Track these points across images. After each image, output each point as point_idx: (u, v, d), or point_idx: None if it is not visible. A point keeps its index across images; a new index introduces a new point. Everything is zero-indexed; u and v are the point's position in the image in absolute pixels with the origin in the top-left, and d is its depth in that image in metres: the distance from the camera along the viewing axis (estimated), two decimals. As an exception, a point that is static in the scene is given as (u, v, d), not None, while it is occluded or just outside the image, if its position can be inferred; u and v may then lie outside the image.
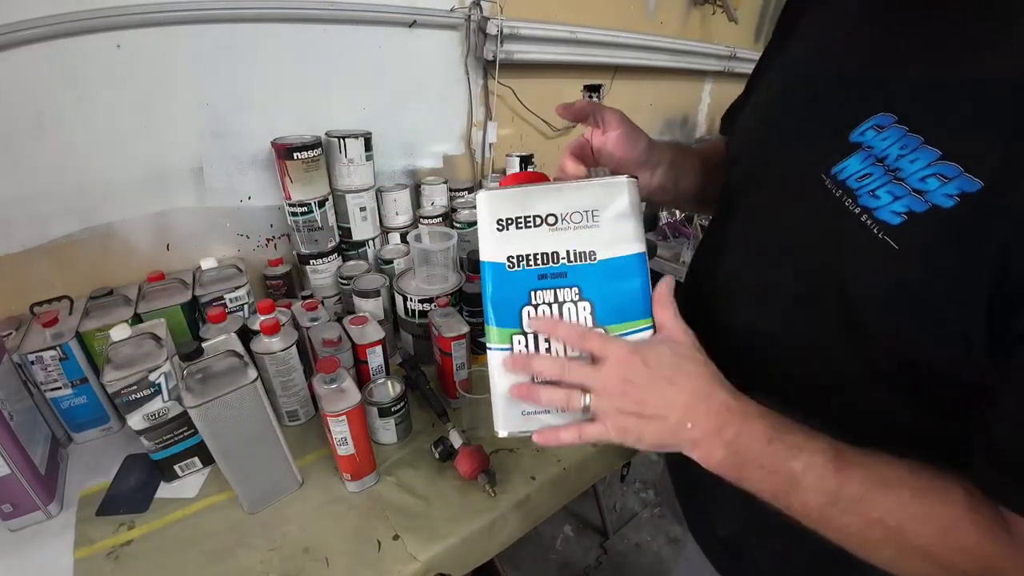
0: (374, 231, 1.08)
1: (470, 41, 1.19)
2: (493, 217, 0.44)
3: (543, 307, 0.43)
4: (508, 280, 0.44)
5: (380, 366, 0.84)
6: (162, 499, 0.70)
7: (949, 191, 0.32)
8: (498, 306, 0.44)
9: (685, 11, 1.70)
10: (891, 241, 0.34)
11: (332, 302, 1.05)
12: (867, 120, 0.37)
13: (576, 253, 0.43)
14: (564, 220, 0.43)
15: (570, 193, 0.44)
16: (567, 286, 0.43)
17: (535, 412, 0.45)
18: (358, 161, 0.99)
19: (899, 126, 0.35)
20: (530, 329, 0.44)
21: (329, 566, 0.62)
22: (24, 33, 0.73)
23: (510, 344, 0.44)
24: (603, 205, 0.43)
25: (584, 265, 0.43)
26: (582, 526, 1.61)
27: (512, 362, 0.44)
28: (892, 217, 0.34)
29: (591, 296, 0.43)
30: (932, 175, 0.32)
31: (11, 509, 0.64)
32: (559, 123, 1.49)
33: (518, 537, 0.74)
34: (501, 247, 0.44)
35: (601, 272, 0.43)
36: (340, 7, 0.97)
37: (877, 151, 0.36)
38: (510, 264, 0.44)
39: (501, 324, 0.44)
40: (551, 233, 0.43)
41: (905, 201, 0.33)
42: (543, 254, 0.43)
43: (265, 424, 0.65)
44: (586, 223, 0.43)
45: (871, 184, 0.35)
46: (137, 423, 0.66)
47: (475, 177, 1.36)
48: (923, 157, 0.33)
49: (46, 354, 0.72)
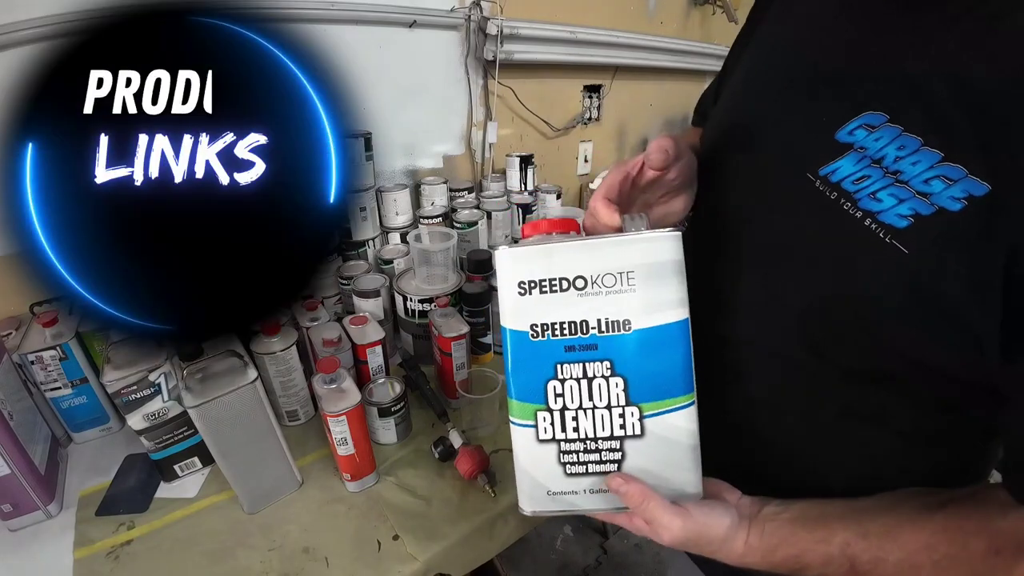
0: (374, 231, 1.08)
1: (470, 41, 1.19)
2: (515, 280, 0.39)
3: (570, 383, 0.39)
4: (532, 351, 0.39)
5: (380, 366, 0.84)
6: (162, 499, 0.70)
7: (955, 194, 0.31)
8: (520, 379, 0.40)
9: (685, 11, 1.70)
10: (899, 245, 0.33)
11: (332, 302, 1.05)
12: (855, 118, 0.36)
13: (609, 323, 0.38)
14: (595, 283, 0.38)
15: (602, 251, 0.38)
16: (598, 360, 0.38)
17: (563, 493, 0.41)
18: (358, 161, 0.99)
19: (893, 125, 0.34)
20: (619, 498, 0.40)
21: (329, 566, 0.62)
22: (24, 33, 0.73)
23: (534, 420, 0.40)
24: (641, 265, 0.37)
25: (617, 336, 0.38)
26: (582, 526, 1.61)
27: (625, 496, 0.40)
28: (898, 220, 0.33)
29: (624, 371, 0.38)
30: (936, 177, 0.32)
31: (11, 509, 0.64)
32: (559, 123, 1.49)
33: (518, 537, 0.74)
34: (524, 314, 0.39)
35: (637, 344, 0.38)
36: (340, 7, 0.97)
37: (871, 152, 0.35)
38: (533, 334, 0.39)
39: (523, 399, 0.40)
40: (580, 299, 0.38)
41: (910, 204, 0.33)
42: (571, 323, 0.38)
43: (265, 424, 0.65)
44: (620, 287, 0.38)
45: (870, 186, 0.35)
46: (137, 423, 0.66)
47: (475, 177, 1.36)
48: (925, 159, 0.32)
49: (46, 354, 0.72)
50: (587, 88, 1.54)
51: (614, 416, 0.39)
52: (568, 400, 0.39)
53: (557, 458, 0.40)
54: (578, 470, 0.40)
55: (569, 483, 0.41)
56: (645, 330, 0.38)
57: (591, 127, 1.61)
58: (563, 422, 0.40)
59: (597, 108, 1.59)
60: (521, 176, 1.27)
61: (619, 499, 0.40)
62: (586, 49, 1.38)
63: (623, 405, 0.39)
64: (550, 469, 0.41)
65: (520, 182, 1.27)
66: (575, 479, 0.41)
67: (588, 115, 1.57)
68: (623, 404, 0.39)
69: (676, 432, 0.39)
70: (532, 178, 1.28)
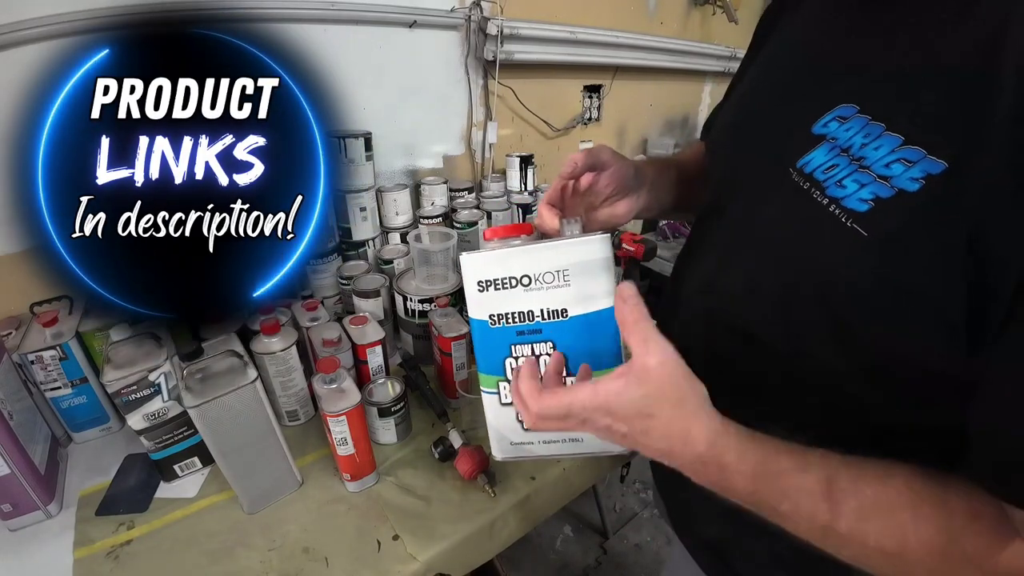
0: (374, 231, 1.08)
1: (470, 41, 1.19)
2: (474, 279, 0.46)
3: (522, 358, 0.47)
4: (491, 335, 0.47)
5: (380, 366, 0.84)
6: (162, 499, 0.70)
7: (914, 174, 0.32)
8: (483, 356, 0.49)
9: (685, 12, 1.70)
10: (860, 228, 0.34)
11: (332, 302, 1.05)
12: (830, 112, 0.38)
13: (549, 311, 0.46)
14: (537, 280, 0.45)
15: (542, 255, 0.44)
16: (542, 341, 0.47)
17: (523, 443, 0.50)
18: (358, 161, 0.99)
19: (861, 115, 0.35)
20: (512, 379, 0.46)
21: (329, 566, 0.62)
22: (25, 33, 0.73)
23: (497, 389, 0.49)
24: (574, 264, 0.44)
25: (557, 322, 0.46)
26: (582, 526, 1.61)
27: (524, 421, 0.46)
28: (859, 204, 0.34)
29: (564, 349, 0.46)
30: (896, 160, 0.33)
31: (11, 509, 0.64)
32: (559, 123, 1.49)
33: (518, 537, 0.74)
34: (483, 306, 0.47)
35: (573, 328, 0.45)
36: (340, 7, 0.97)
37: (841, 141, 0.36)
38: (492, 322, 0.47)
39: (487, 371, 0.49)
40: (526, 293, 0.45)
41: (871, 188, 0.33)
42: (519, 312, 0.46)
43: (265, 424, 0.65)
44: (558, 283, 0.45)
45: (837, 174, 0.35)
46: (137, 423, 0.67)
47: (475, 177, 1.36)
48: (887, 144, 0.33)
49: (46, 354, 0.72)
50: (587, 88, 1.54)
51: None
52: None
53: (516, 416, 0.49)
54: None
55: (527, 435, 0.50)
56: (579, 316, 0.45)
57: (591, 127, 1.61)
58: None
59: (597, 108, 1.59)
60: (521, 176, 1.27)
61: (569, 448, 0.48)
62: (586, 49, 1.38)
63: (564, 376, 0.46)
64: (511, 426, 0.50)
65: (520, 182, 1.27)
66: (530, 432, 0.49)
67: (588, 115, 1.57)
68: (564, 375, 0.46)
69: None
70: (532, 178, 1.28)
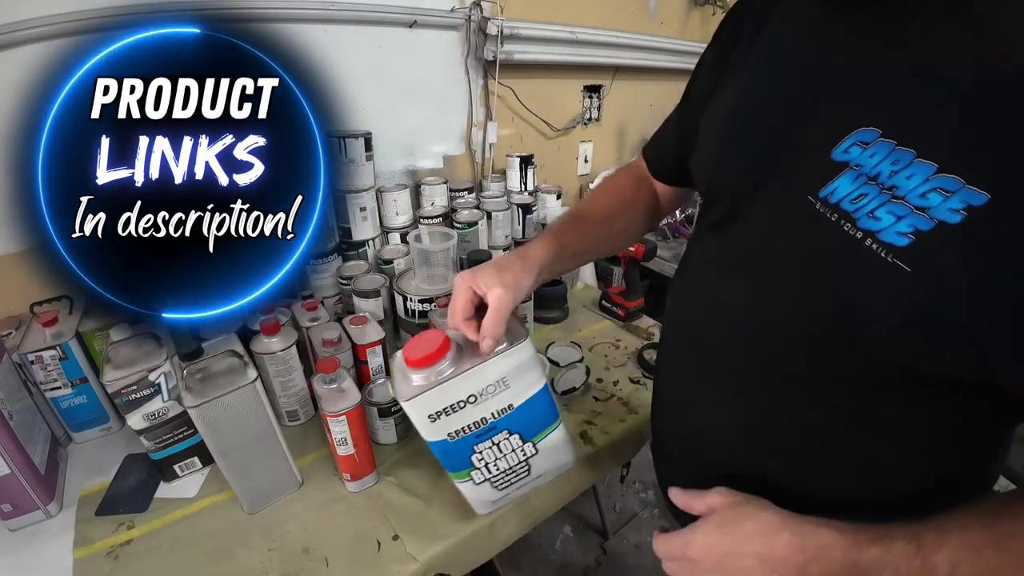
0: (374, 231, 1.08)
1: (470, 41, 1.19)
2: (424, 416, 0.51)
3: (486, 451, 0.55)
4: (453, 447, 0.54)
5: (380, 366, 0.84)
6: (162, 499, 0.70)
7: (954, 205, 0.30)
8: (450, 463, 0.56)
9: (686, 12, 1.70)
10: (902, 264, 0.32)
11: (332, 302, 1.05)
12: (848, 136, 0.36)
13: (498, 411, 0.53)
14: (482, 395, 0.51)
15: (480, 375, 0.50)
16: (499, 432, 0.55)
17: (501, 499, 0.62)
18: (358, 161, 0.99)
19: (886, 140, 0.34)
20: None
21: (328, 566, 0.62)
22: (25, 32, 0.73)
23: (468, 477, 0.57)
24: (508, 371, 0.52)
25: (506, 416, 0.54)
26: (582, 526, 1.61)
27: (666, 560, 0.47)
28: (898, 239, 0.32)
29: (517, 429, 0.55)
30: (932, 190, 0.31)
31: (11, 509, 0.64)
32: (559, 123, 1.49)
33: (518, 537, 0.74)
34: (439, 430, 0.52)
35: (519, 413, 0.54)
36: (340, 7, 0.97)
37: (867, 169, 0.34)
38: (451, 438, 0.53)
39: (455, 470, 0.57)
40: (475, 407, 0.52)
41: (909, 220, 0.32)
42: (473, 423, 0.53)
43: (265, 424, 0.65)
44: (498, 389, 0.52)
45: (868, 205, 0.34)
46: (137, 423, 0.67)
47: (475, 177, 1.36)
48: (919, 172, 0.32)
49: (46, 354, 0.72)
50: (587, 88, 1.54)
51: (518, 453, 0.57)
52: (488, 458, 0.56)
53: (491, 486, 0.59)
54: (504, 484, 0.60)
55: (503, 493, 0.60)
56: (522, 404, 0.54)
57: (591, 127, 1.61)
58: (488, 470, 0.57)
59: (597, 108, 1.59)
60: (521, 176, 1.27)
61: (534, 483, 0.61)
62: (586, 49, 1.38)
63: (522, 445, 0.57)
64: (488, 492, 0.59)
65: (520, 182, 1.27)
66: (505, 489, 0.60)
67: (588, 115, 1.57)
68: (521, 444, 0.57)
69: (555, 441, 0.58)
70: (532, 178, 1.28)
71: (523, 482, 0.60)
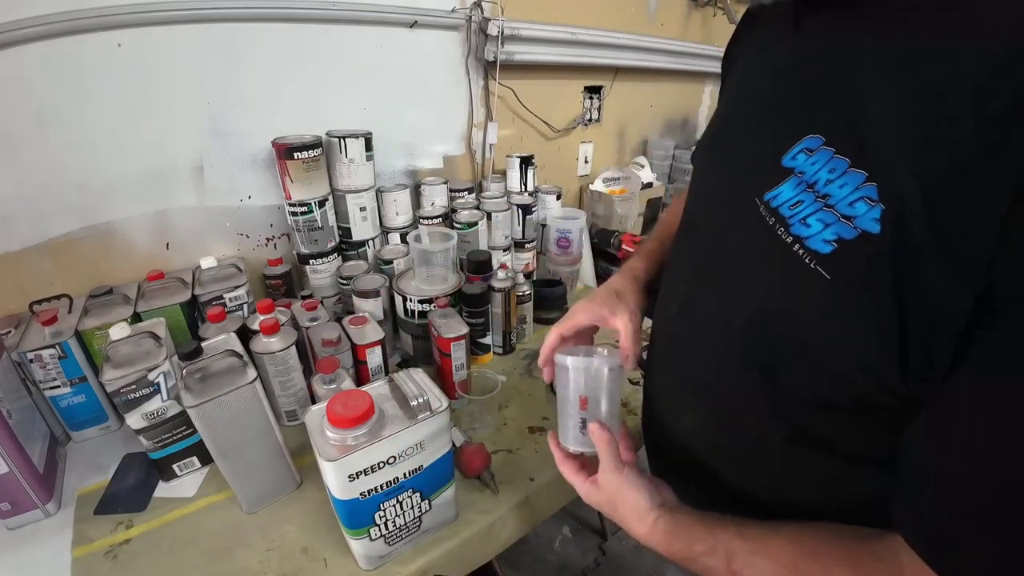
0: (374, 231, 1.08)
1: (471, 42, 1.19)
2: (345, 475, 0.53)
3: (389, 508, 0.58)
4: (362, 506, 0.56)
5: (379, 366, 0.84)
6: (160, 498, 0.70)
7: (876, 215, 0.30)
8: (353, 522, 0.57)
9: (686, 13, 1.71)
10: (823, 271, 0.33)
11: (332, 302, 1.05)
12: (798, 143, 0.36)
13: (410, 471, 0.57)
14: (401, 456, 0.55)
15: (402, 438, 0.55)
16: (404, 491, 0.58)
17: (390, 553, 0.63)
18: (358, 161, 0.99)
19: (827, 148, 0.34)
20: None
21: (327, 566, 0.61)
22: (25, 31, 0.73)
23: (367, 535, 0.58)
24: (427, 436, 0.57)
25: (416, 476, 0.58)
26: (580, 527, 1.61)
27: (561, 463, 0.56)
28: (823, 246, 0.33)
29: (420, 487, 0.59)
30: (860, 199, 0.31)
31: (9, 507, 0.64)
32: (559, 124, 1.49)
33: (517, 538, 0.74)
34: (354, 490, 0.54)
35: (426, 473, 0.59)
36: (340, 7, 0.97)
37: (808, 176, 0.35)
38: (363, 496, 0.55)
39: (355, 528, 0.57)
40: (392, 467, 0.55)
41: (834, 228, 0.32)
42: (388, 482, 0.56)
43: (264, 424, 0.65)
44: (416, 451, 0.56)
45: (802, 212, 0.35)
46: (136, 422, 0.66)
47: (475, 178, 1.36)
48: (851, 181, 0.32)
49: (45, 352, 0.72)
50: (587, 89, 1.54)
51: (416, 510, 0.61)
52: (389, 516, 0.59)
53: (383, 541, 0.60)
54: (395, 540, 0.62)
55: (392, 548, 0.62)
56: (430, 465, 0.59)
57: (591, 128, 1.61)
58: (386, 527, 0.59)
59: (597, 109, 1.59)
60: (521, 177, 1.27)
61: (416, 539, 0.64)
62: (587, 50, 1.38)
63: (420, 503, 0.61)
64: (380, 548, 0.61)
65: (520, 183, 1.27)
66: (395, 544, 0.62)
67: (588, 116, 1.57)
68: (420, 502, 0.61)
69: (447, 498, 0.64)
70: (532, 179, 1.28)
71: (411, 537, 0.63)
